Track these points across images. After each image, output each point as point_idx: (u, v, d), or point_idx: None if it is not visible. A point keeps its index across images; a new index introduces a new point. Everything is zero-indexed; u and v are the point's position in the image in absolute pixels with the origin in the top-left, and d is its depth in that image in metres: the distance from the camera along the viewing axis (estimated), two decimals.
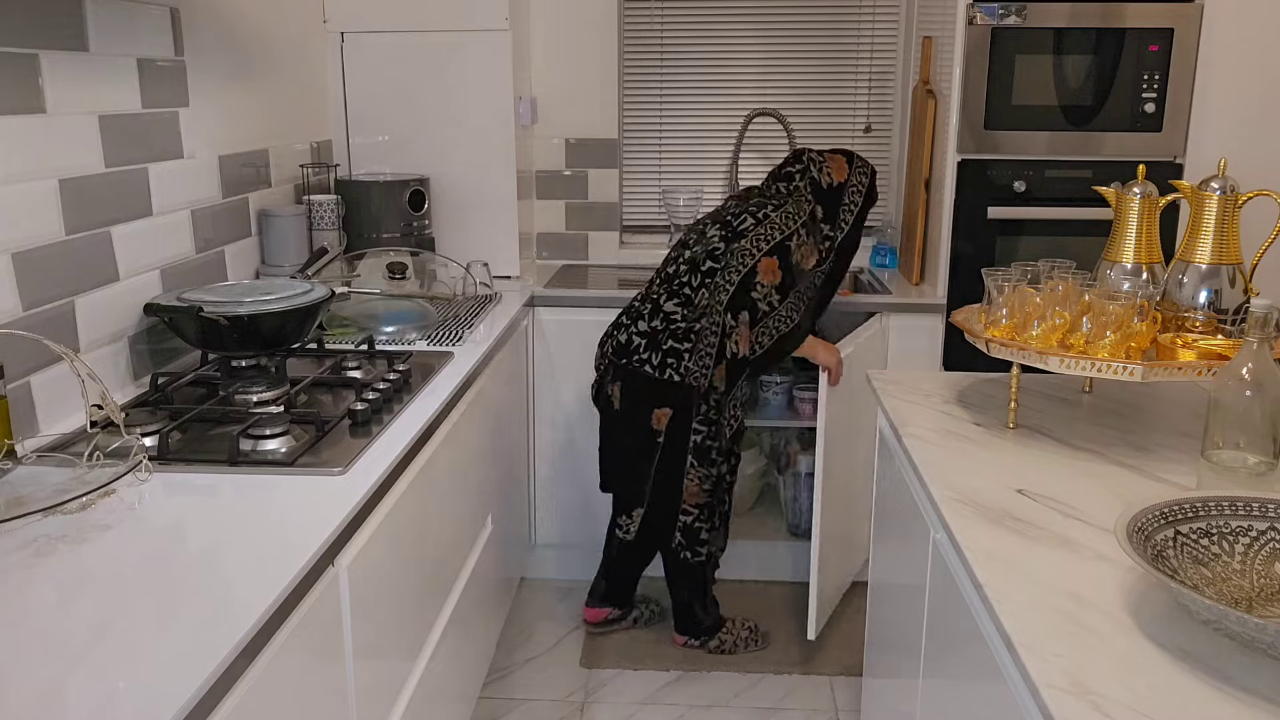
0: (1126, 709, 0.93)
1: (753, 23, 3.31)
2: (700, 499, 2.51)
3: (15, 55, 1.60)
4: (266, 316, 1.89)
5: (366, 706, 1.48)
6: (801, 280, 2.47)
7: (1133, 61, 2.69)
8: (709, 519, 2.55)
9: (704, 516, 2.54)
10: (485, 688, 2.57)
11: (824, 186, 2.52)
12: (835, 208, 2.53)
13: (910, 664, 1.61)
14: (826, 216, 2.53)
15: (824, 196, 2.52)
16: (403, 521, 1.64)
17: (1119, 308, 1.53)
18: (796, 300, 2.47)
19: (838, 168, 2.53)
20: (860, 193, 2.55)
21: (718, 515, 2.60)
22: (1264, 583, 1.14)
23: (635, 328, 2.44)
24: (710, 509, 2.54)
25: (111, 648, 1.02)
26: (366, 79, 2.93)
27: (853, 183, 2.53)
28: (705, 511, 2.53)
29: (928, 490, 1.46)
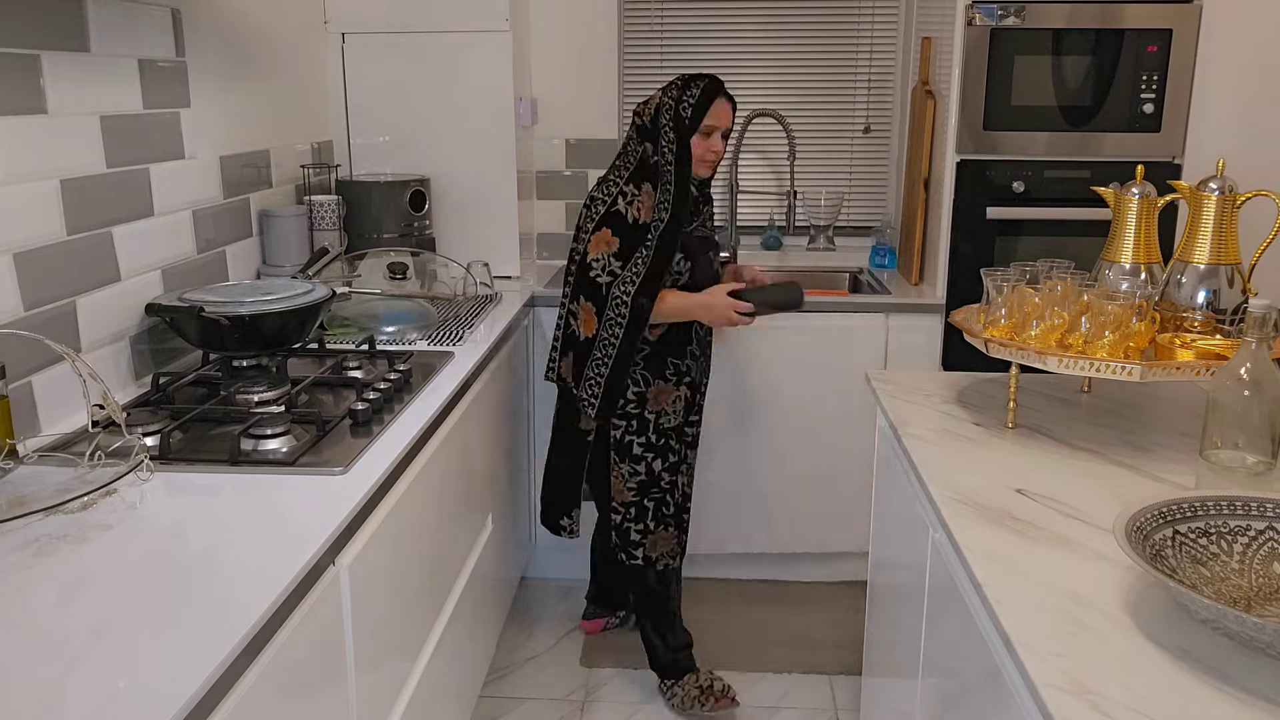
0: (1126, 708, 0.93)
1: (752, 23, 3.32)
2: (627, 497, 2.37)
3: (16, 56, 1.60)
4: (267, 316, 1.89)
5: (367, 706, 1.49)
6: (651, 228, 2.26)
7: (1131, 62, 2.69)
8: (639, 520, 2.39)
9: (633, 517, 2.38)
10: (485, 687, 2.58)
11: (647, 126, 2.33)
12: (654, 138, 2.30)
13: (910, 663, 1.61)
14: (654, 150, 2.31)
15: (648, 134, 2.32)
16: (403, 521, 1.65)
17: (1118, 308, 1.54)
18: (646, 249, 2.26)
19: (652, 100, 2.33)
20: (671, 107, 2.28)
21: (654, 517, 2.39)
22: (1262, 582, 1.14)
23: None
24: (641, 509, 2.38)
25: (112, 647, 1.02)
26: (367, 79, 2.93)
27: (663, 101, 2.30)
28: (634, 511, 2.38)
29: (927, 490, 1.46)
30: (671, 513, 2.41)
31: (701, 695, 2.46)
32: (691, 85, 2.30)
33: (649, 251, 2.25)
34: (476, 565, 2.20)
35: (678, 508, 2.42)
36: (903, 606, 1.68)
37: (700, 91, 2.28)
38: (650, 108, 2.33)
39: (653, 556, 2.41)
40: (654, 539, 2.41)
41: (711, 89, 2.29)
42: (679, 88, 2.30)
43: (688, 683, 2.48)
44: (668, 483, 2.39)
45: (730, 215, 3.40)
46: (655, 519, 2.40)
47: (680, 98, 2.29)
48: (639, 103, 2.38)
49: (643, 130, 2.34)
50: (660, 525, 2.41)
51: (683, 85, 2.30)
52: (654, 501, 2.39)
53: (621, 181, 2.32)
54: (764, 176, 3.43)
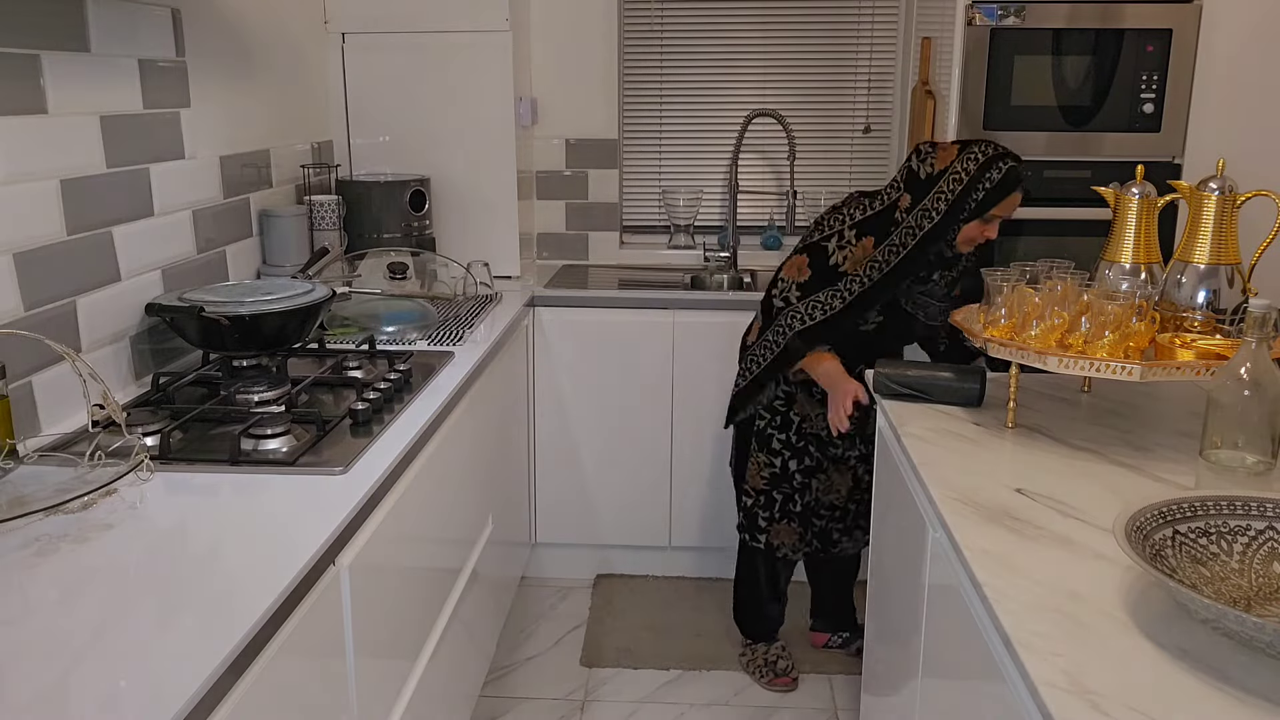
0: (1125, 707, 0.93)
1: (753, 23, 3.32)
2: (759, 485, 2.48)
3: (17, 56, 1.60)
4: (267, 316, 1.89)
5: (367, 705, 1.49)
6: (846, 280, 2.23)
7: (1131, 62, 2.69)
8: (769, 509, 2.49)
9: (763, 504, 2.49)
10: (486, 686, 2.58)
11: (920, 176, 2.20)
12: (923, 196, 2.18)
13: (909, 663, 1.61)
14: (910, 207, 2.20)
15: (916, 186, 2.20)
16: (404, 521, 1.65)
17: (1117, 307, 1.54)
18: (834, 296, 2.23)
19: (944, 155, 2.19)
20: (961, 180, 2.14)
21: (780, 510, 2.48)
22: (1262, 582, 1.14)
23: None
24: (770, 499, 2.48)
25: (112, 647, 1.02)
26: (367, 79, 2.93)
27: (955, 169, 2.15)
28: (764, 499, 2.49)
29: (926, 490, 1.46)
30: (798, 510, 2.50)
31: (765, 667, 2.62)
32: (994, 167, 2.12)
33: (835, 299, 2.23)
34: (477, 565, 2.20)
35: (805, 508, 2.50)
36: (902, 606, 1.68)
37: (1001, 179, 2.12)
38: (938, 162, 2.18)
39: (775, 544, 2.53)
40: (777, 529, 2.51)
41: (1011, 180, 2.13)
42: (979, 164, 2.13)
43: (759, 651, 2.66)
44: (799, 482, 2.48)
45: (730, 215, 3.40)
46: (781, 511, 2.50)
47: (979, 177, 2.13)
48: (927, 143, 2.24)
49: (912, 180, 2.20)
50: (785, 519, 2.51)
51: (985, 163, 2.13)
52: (783, 495, 2.49)
53: (850, 222, 2.26)
54: (764, 176, 3.44)
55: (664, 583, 3.11)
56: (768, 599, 2.64)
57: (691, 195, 3.37)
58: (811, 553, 2.54)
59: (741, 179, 3.41)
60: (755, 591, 2.64)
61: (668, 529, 3.05)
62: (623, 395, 2.95)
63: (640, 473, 3.01)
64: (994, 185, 2.12)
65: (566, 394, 2.96)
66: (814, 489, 2.48)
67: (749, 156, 3.42)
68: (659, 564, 3.14)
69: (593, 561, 3.16)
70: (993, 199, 2.13)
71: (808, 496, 2.48)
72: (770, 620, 2.67)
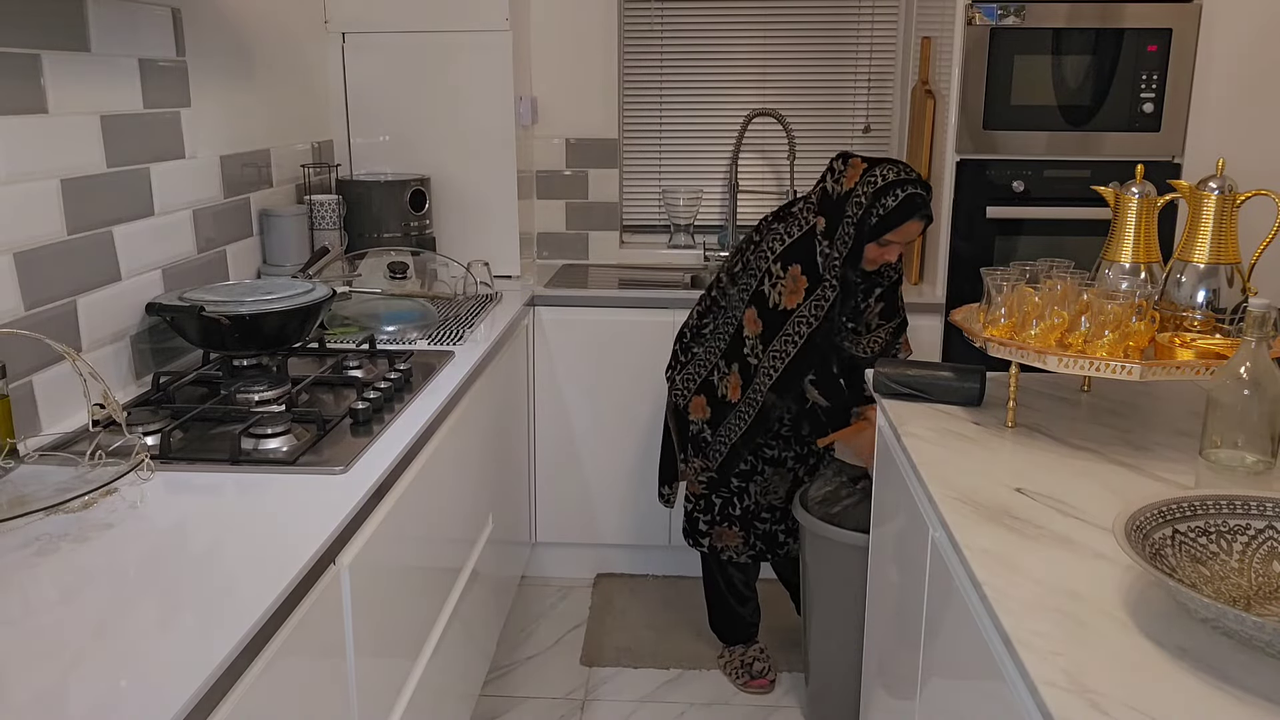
0: (1125, 707, 0.93)
1: (752, 23, 3.32)
2: (697, 489, 2.52)
3: (17, 55, 1.60)
4: (268, 316, 1.89)
5: (368, 704, 1.49)
6: (793, 322, 2.22)
7: (1131, 61, 2.69)
8: (708, 512, 2.52)
9: (702, 508, 2.53)
10: (486, 686, 2.58)
11: (832, 197, 2.18)
12: (836, 222, 2.18)
13: (909, 662, 1.62)
14: (827, 232, 2.19)
15: (829, 207, 2.19)
16: (404, 520, 1.65)
17: (1117, 307, 1.54)
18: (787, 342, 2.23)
19: (851, 174, 2.17)
20: (861, 204, 2.13)
21: (720, 513, 2.51)
22: (1262, 581, 1.14)
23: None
24: (710, 503, 2.51)
25: (113, 646, 1.02)
26: (367, 79, 2.93)
27: (857, 193, 2.14)
28: (704, 503, 2.52)
29: (926, 489, 1.46)
30: (738, 514, 2.51)
31: (741, 669, 2.62)
32: (889, 194, 2.11)
33: (789, 345, 2.23)
34: (477, 564, 2.20)
35: (746, 511, 2.51)
36: (902, 605, 1.68)
37: (896, 206, 2.11)
38: (846, 181, 2.16)
39: (718, 547, 2.55)
40: (719, 531, 2.53)
41: (908, 208, 2.11)
42: (876, 189, 2.11)
43: (735, 653, 2.65)
44: (736, 486, 2.49)
45: (730, 215, 3.40)
46: (721, 515, 2.52)
47: (875, 201, 2.12)
48: (841, 157, 2.21)
49: (825, 200, 2.19)
50: (725, 522, 2.52)
51: (881, 189, 2.11)
52: (721, 499, 2.51)
53: (772, 256, 2.23)
54: (764, 176, 3.44)
55: (664, 582, 3.11)
56: (732, 601, 2.64)
57: (691, 195, 3.37)
58: (757, 555, 2.55)
59: (741, 178, 3.41)
60: (718, 595, 2.64)
61: (668, 529, 3.05)
62: (623, 395, 2.95)
63: (640, 472, 3.01)
64: (888, 212, 2.13)
65: (566, 394, 2.96)
66: (753, 492, 2.50)
67: (749, 156, 3.42)
68: (659, 563, 3.15)
69: (593, 561, 3.16)
70: (886, 225, 2.14)
71: (747, 500, 2.50)
72: (740, 621, 2.66)
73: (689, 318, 2.50)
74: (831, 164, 2.24)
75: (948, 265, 2.82)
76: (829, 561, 2.27)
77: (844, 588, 2.24)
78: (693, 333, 2.47)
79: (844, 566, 2.23)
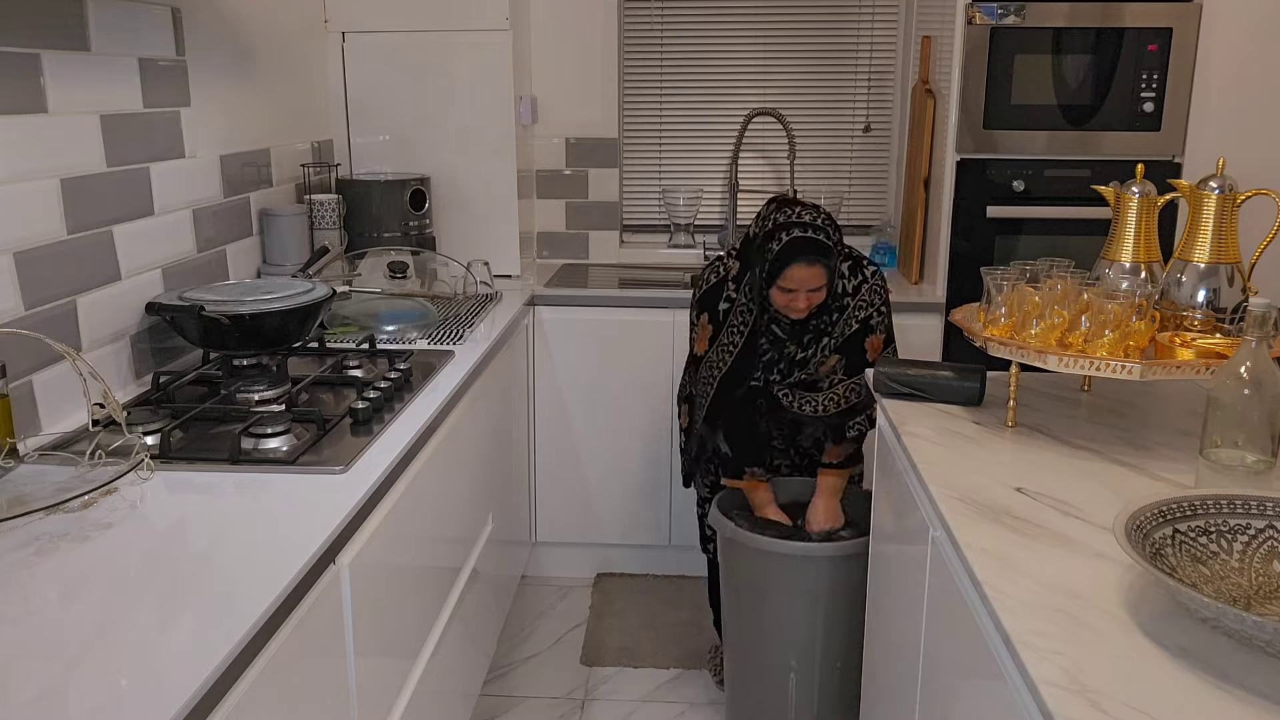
0: (1125, 706, 0.93)
1: (752, 22, 3.32)
2: (703, 494, 2.51)
3: (17, 55, 1.60)
4: (268, 315, 1.89)
5: (368, 704, 1.49)
6: (705, 366, 2.22)
7: (1131, 61, 2.69)
8: None
9: (708, 512, 2.50)
10: (486, 685, 2.58)
11: (751, 239, 2.12)
12: (748, 266, 2.14)
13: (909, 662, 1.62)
14: (738, 276, 2.17)
15: (746, 251, 2.15)
16: (404, 520, 1.65)
17: (1117, 306, 1.54)
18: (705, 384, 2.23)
19: (767, 214, 2.10)
20: (758, 249, 2.07)
21: None
22: (1262, 580, 1.14)
23: None
24: None
25: (113, 646, 1.02)
26: (367, 79, 2.93)
27: (755, 234, 2.10)
28: (709, 507, 2.49)
29: (926, 489, 1.46)
30: None
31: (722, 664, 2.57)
32: (775, 237, 2.02)
33: (706, 387, 2.24)
34: (477, 563, 2.20)
35: None
36: (902, 604, 1.68)
37: (779, 249, 2.01)
38: (763, 223, 2.09)
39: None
40: None
41: (788, 253, 2.00)
42: (766, 232, 2.04)
43: (717, 649, 2.62)
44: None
45: (730, 215, 3.40)
46: None
47: (764, 244, 2.04)
48: (770, 201, 2.12)
49: (746, 244, 2.15)
50: None
51: (769, 232, 2.03)
52: None
53: (694, 302, 2.26)
54: (764, 175, 3.44)
55: (664, 581, 3.11)
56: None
57: (691, 194, 3.37)
58: None
59: (741, 178, 3.41)
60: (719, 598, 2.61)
61: (668, 528, 3.05)
62: (623, 394, 2.95)
63: (640, 472, 3.01)
64: (774, 257, 2.02)
65: (566, 393, 2.96)
66: None
67: (749, 155, 3.42)
68: (659, 563, 3.15)
69: (593, 560, 3.16)
70: (775, 270, 2.03)
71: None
72: None
73: None
74: (762, 208, 2.16)
75: (948, 265, 2.82)
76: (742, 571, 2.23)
77: (757, 599, 2.20)
78: None
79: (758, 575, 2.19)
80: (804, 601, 2.16)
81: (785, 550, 2.13)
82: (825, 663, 2.19)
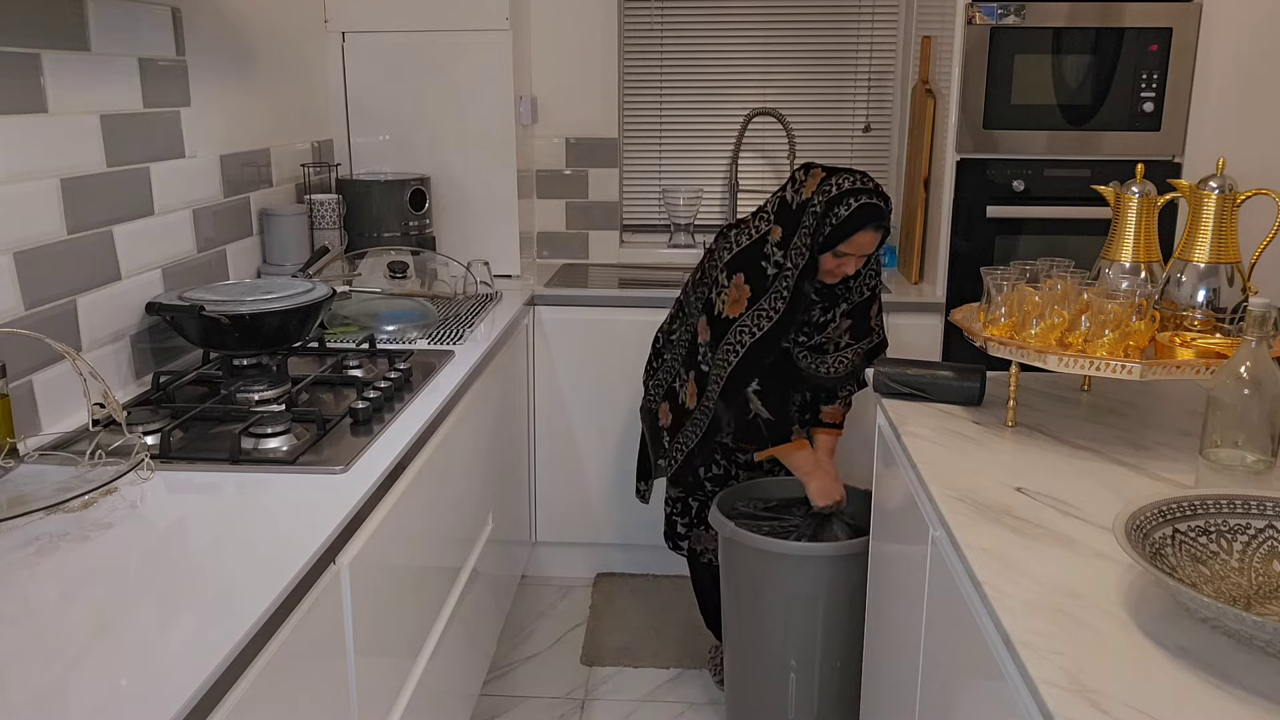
0: (1125, 706, 0.93)
1: (752, 23, 3.32)
2: (674, 493, 2.52)
3: (17, 55, 1.60)
4: (268, 315, 1.89)
5: (368, 704, 1.49)
6: (735, 331, 2.16)
7: (1131, 61, 2.69)
8: (685, 515, 2.52)
9: (679, 511, 2.53)
10: (486, 685, 2.58)
11: (791, 206, 2.12)
12: (792, 232, 2.11)
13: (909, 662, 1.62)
14: (781, 242, 2.13)
15: (786, 217, 2.13)
16: (404, 520, 1.65)
17: (1117, 306, 1.54)
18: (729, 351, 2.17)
19: (810, 183, 2.11)
20: (817, 214, 2.07)
21: (697, 516, 2.51)
22: (1262, 580, 1.14)
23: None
24: (687, 506, 2.51)
25: (113, 646, 1.02)
26: (367, 79, 2.93)
27: (813, 202, 2.08)
28: (680, 506, 2.52)
29: (926, 489, 1.46)
30: None
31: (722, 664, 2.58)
32: (842, 203, 2.06)
33: (730, 355, 2.18)
34: (477, 563, 2.20)
35: None
36: (902, 604, 1.68)
37: (848, 215, 2.05)
38: (805, 190, 2.10)
39: (697, 550, 2.54)
40: (697, 534, 2.52)
41: (861, 217, 2.05)
42: (830, 198, 2.06)
43: (717, 648, 2.63)
44: (711, 490, 2.47)
45: (730, 215, 3.40)
46: (698, 518, 2.51)
47: (829, 210, 2.06)
48: (803, 168, 2.15)
49: (784, 210, 2.14)
50: (703, 525, 2.51)
51: (835, 198, 2.06)
52: (698, 503, 2.50)
53: (721, 265, 2.20)
54: (764, 175, 3.44)
55: (664, 581, 3.11)
56: (718, 599, 2.60)
57: (691, 194, 3.37)
58: None
59: (741, 178, 3.41)
60: (704, 595, 2.63)
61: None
62: (623, 394, 2.95)
63: None
64: (840, 221, 2.05)
65: (566, 393, 2.96)
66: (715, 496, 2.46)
67: (749, 155, 3.42)
68: (659, 563, 3.14)
69: (593, 560, 3.16)
70: (839, 235, 2.06)
71: None
72: None
73: (663, 323, 2.47)
74: (794, 174, 2.18)
75: (948, 264, 2.82)
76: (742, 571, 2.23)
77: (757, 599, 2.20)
78: (664, 338, 2.45)
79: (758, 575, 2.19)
80: (804, 601, 2.16)
81: (785, 550, 2.13)
82: (825, 663, 2.19)
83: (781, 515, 2.32)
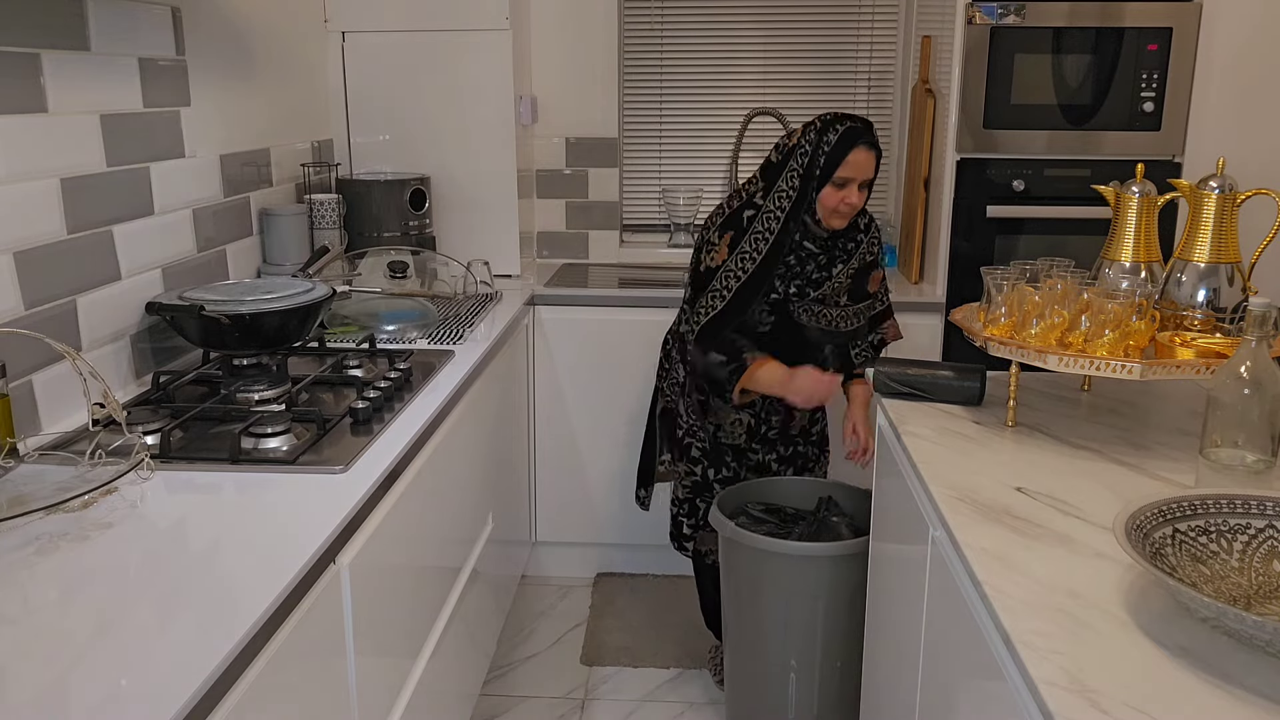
0: (1125, 706, 0.93)
1: (752, 22, 3.32)
2: (681, 494, 2.51)
3: (17, 55, 1.60)
4: (268, 315, 1.89)
5: (368, 704, 1.49)
6: (720, 277, 2.20)
7: (1131, 60, 2.69)
8: (692, 516, 2.51)
9: (686, 512, 2.52)
10: (486, 685, 2.58)
11: (774, 162, 2.21)
12: (776, 178, 2.19)
13: (909, 662, 1.62)
14: (764, 190, 2.21)
15: (769, 172, 2.21)
16: (404, 520, 1.65)
17: (1117, 306, 1.54)
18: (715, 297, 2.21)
19: (793, 137, 2.20)
20: (806, 152, 2.14)
21: (704, 517, 2.49)
22: (1262, 580, 1.14)
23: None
24: (694, 507, 2.49)
25: (113, 646, 1.02)
26: (367, 78, 2.93)
27: (800, 144, 2.16)
28: (687, 508, 2.51)
29: (926, 488, 1.46)
30: None
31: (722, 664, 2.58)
32: (830, 129, 2.13)
33: (715, 300, 2.21)
34: (477, 563, 2.20)
35: None
36: (902, 604, 1.68)
37: (838, 138, 2.12)
38: (786, 145, 2.20)
39: (703, 551, 2.53)
40: (703, 535, 2.51)
41: (850, 136, 2.12)
42: (818, 130, 2.15)
43: (718, 648, 2.63)
44: (719, 491, 2.45)
45: None
46: (705, 520, 2.49)
47: (819, 142, 2.14)
48: (782, 135, 2.25)
49: (768, 167, 2.22)
50: (709, 527, 2.48)
51: (821, 128, 2.14)
52: (705, 504, 2.48)
53: (713, 229, 2.25)
54: None
55: (664, 581, 3.11)
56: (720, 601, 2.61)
57: (691, 194, 3.37)
58: None
59: (741, 178, 3.41)
60: (706, 595, 2.62)
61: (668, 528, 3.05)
62: (623, 394, 2.95)
63: None
64: (832, 147, 2.12)
65: (566, 393, 2.96)
66: None
67: (749, 155, 3.42)
68: (659, 563, 3.14)
69: (593, 560, 3.16)
70: (835, 159, 2.13)
71: None
72: None
73: (671, 325, 2.48)
74: (777, 142, 2.25)
75: (948, 264, 2.82)
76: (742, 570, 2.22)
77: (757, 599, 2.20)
78: (673, 340, 2.45)
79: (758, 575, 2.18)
80: (804, 601, 2.16)
81: (785, 550, 2.13)
82: (825, 663, 2.19)
83: (782, 516, 2.32)
